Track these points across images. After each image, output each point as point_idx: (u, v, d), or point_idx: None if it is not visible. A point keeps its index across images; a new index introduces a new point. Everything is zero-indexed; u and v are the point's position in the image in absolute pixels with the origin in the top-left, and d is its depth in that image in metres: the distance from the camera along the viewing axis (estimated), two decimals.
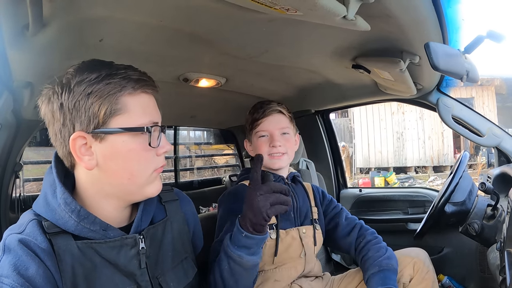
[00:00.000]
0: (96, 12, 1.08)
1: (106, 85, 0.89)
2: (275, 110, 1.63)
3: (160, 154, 1.00)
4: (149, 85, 0.97)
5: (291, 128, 1.68)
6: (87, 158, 0.91)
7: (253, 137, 1.66)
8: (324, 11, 0.87)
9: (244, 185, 1.63)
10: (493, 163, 2.08)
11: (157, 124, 0.97)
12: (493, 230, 1.56)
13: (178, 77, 1.80)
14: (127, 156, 0.92)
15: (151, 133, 0.94)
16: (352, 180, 11.14)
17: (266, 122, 1.62)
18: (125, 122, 0.91)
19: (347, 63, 1.64)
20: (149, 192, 1.00)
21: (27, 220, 0.90)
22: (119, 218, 1.00)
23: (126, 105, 0.91)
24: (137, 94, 0.93)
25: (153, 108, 0.99)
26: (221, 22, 1.21)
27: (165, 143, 1.00)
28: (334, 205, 1.77)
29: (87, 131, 0.89)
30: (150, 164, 0.97)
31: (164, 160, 1.03)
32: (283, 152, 1.61)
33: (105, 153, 0.91)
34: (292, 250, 1.56)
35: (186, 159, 6.20)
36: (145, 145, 0.94)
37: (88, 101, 0.88)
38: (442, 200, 1.65)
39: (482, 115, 2.00)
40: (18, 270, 0.79)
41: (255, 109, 1.67)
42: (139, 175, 0.95)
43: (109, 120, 0.89)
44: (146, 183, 0.98)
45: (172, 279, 1.05)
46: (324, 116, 2.93)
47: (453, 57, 1.21)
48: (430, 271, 1.49)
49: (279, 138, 1.61)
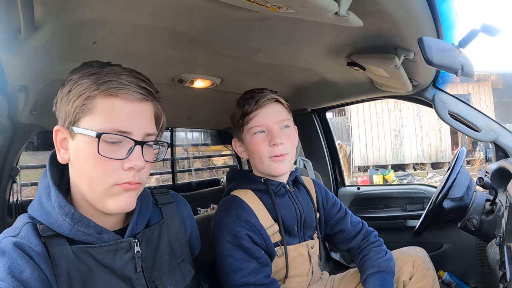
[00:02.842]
0: (88, 14, 1.08)
1: (84, 84, 0.89)
2: (271, 99, 1.40)
3: (126, 169, 0.90)
4: (134, 92, 0.91)
5: (291, 120, 1.45)
6: (62, 152, 0.94)
7: (245, 135, 1.42)
8: (315, 8, 0.87)
9: (239, 199, 1.41)
10: (491, 158, 2.08)
11: (124, 134, 0.90)
12: (492, 225, 1.56)
13: (173, 78, 1.79)
14: (85, 159, 0.89)
15: (99, 141, 0.86)
16: (351, 178, 11.17)
17: (261, 114, 1.38)
18: (89, 123, 0.89)
19: (342, 60, 1.63)
20: (110, 207, 0.91)
21: (22, 223, 0.89)
22: (112, 222, 0.99)
23: (95, 107, 0.89)
24: (111, 98, 0.89)
25: (126, 116, 0.90)
26: (214, 22, 1.20)
27: (134, 158, 0.90)
28: (338, 208, 1.63)
29: (63, 125, 0.92)
30: (109, 175, 0.89)
31: (133, 177, 0.92)
32: (285, 152, 1.39)
33: (73, 150, 0.92)
34: (300, 268, 1.47)
35: (184, 160, 6.19)
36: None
37: (68, 98, 0.90)
38: (440, 196, 1.65)
39: (479, 110, 1.99)
40: (12, 273, 0.79)
41: (245, 99, 1.41)
42: (96, 183, 0.89)
43: (80, 119, 0.90)
44: (106, 195, 0.90)
45: (169, 282, 1.04)
46: (320, 115, 2.92)
47: (447, 52, 1.21)
48: (430, 269, 1.47)
49: (280, 133, 1.38)
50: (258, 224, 1.36)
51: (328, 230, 1.62)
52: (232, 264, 1.30)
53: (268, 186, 1.43)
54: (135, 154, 0.90)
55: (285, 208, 1.44)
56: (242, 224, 1.33)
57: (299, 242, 1.47)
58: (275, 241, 1.40)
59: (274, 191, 1.44)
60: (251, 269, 1.29)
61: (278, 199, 1.44)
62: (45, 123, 2.04)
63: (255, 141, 1.39)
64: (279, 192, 1.45)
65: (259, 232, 1.35)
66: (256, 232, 1.34)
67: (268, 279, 1.32)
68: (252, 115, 1.38)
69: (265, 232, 1.36)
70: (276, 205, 1.41)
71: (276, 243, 1.40)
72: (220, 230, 1.35)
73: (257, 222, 1.36)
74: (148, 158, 0.94)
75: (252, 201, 1.40)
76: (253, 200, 1.41)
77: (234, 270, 1.29)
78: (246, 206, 1.38)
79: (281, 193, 1.46)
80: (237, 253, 1.30)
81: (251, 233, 1.33)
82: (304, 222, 1.48)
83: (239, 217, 1.34)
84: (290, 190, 1.49)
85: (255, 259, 1.31)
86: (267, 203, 1.42)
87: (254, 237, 1.33)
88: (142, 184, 0.97)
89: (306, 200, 1.53)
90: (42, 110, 1.74)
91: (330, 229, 1.62)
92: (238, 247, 1.30)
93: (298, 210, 1.47)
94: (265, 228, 1.37)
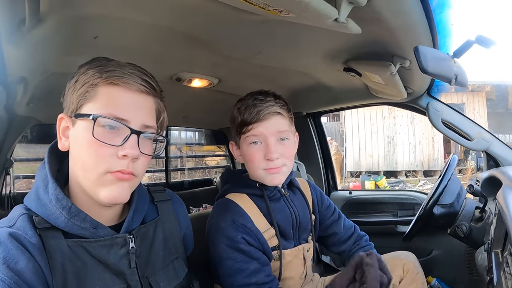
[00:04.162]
0: (92, 9, 1.08)
1: (89, 73, 0.92)
2: (272, 113, 1.35)
3: (120, 156, 0.90)
4: (135, 82, 0.93)
5: (291, 131, 1.42)
6: (63, 139, 0.96)
7: (242, 143, 1.40)
8: (316, 14, 0.89)
9: (234, 203, 1.39)
10: (482, 167, 2.11)
11: (121, 121, 0.91)
12: (481, 232, 1.59)
13: (171, 76, 1.80)
14: (81, 144, 0.91)
15: (94, 124, 0.88)
16: (343, 183, 11.21)
17: (260, 127, 1.34)
18: (89, 109, 0.91)
19: (339, 66, 1.65)
20: (101, 196, 0.91)
21: (18, 214, 0.90)
22: (108, 217, 0.99)
23: (96, 94, 0.91)
24: (111, 85, 0.91)
25: (125, 104, 0.92)
26: (216, 23, 1.21)
27: (129, 147, 0.90)
28: (332, 211, 1.65)
29: (67, 114, 0.94)
30: (102, 160, 0.89)
31: (125, 166, 0.91)
32: (281, 164, 1.36)
33: (73, 137, 0.94)
34: (295, 270, 1.47)
35: (177, 159, 6.18)
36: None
37: (74, 87, 0.93)
38: (431, 202, 1.67)
39: (472, 119, 2.02)
40: (7, 264, 0.79)
41: (246, 106, 1.37)
42: (89, 168, 0.90)
43: (82, 106, 0.92)
44: (98, 183, 0.91)
45: (162, 279, 1.05)
46: (315, 119, 2.95)
47: (442, 61, 1.23)
48: (420, 273, 1.50)
49: (276, 147, 1.35)
50: (255, 229, 1.35)
51: (321, 232, 1.64)
52: (233, 266, 1.29)
53: (263, 192, 1.42)
54: (130, 142, 0.91)
55: (280, 212, 1.44)
56: (239, 229, 1.32)
57: (295, 245, 1.47)
58: (272, 245, 1.39)
59: (269, 196, 1.43)
60: (252, 270, 1.29)
61: (273, 204, 1.44)
62: (42, 116, 2.04)
63: (251, 151, 1.37)
64: (274, 197, 1.45)
65: (256, 236, 1.34)
66: (253, 236, 1.34)
67: (269, 277, 1.32)
68: (250, 126, 1.34)
69: (262, 236, 1.36)
70: (271, 210, 1.41)
71: (274, 247, 1.40)
72: (216, 234, 1.33)
73: (253, 226, 1.35)
74: (145, 150, 0.95)
75: (247, 206, 1.39)
76: (248, 205, 1.40)
77: (235, 271, 1.29)
78: (242, 211, 1.37)
79: (276, 198, 1.46)
80: (236, 255, 1.30)
81: (248, 236, 1.32)
82: (299, 226, 1.48)
83: (235, 222, 1.33)
84: (285, 194, 1.49)
85: (255, 260, 1.31)
86: (262, 208, 1.41)
87: (251, 241, 1.33)
88: (137, 177, 0.97)
89: (301, 203, 1.53)
90: (39, 103, 1.73)
91: (323, 231, 1.63)
92: (236, 250, 1.30)
93: (293, 214, 1.46)
94: (262, 232, 1.37)
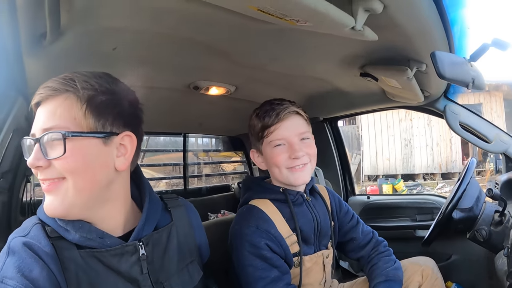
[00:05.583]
0: (111, 22, 1.11)
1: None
2: (291, 112, 1.40)
3: (33, 169, 0.91)
4: (43, 93, 0.93)
5: (310, 131, 1.46)
6: None
7: (265, 147, 1.42)
8: (333, 23, 0.90)
9: (258, 209, 1.40)
10: (501, 169, 2.09)
11: (30, 137, 0.92)
12: (500, 236, 1.57)
13: (188, 85, 1.82)
14: None
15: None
16: (360, 187, 11.09)
17: (282, 127, 1.38)
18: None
19: (355, 71, 1.65)
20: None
21: (32, 223, 0.92)
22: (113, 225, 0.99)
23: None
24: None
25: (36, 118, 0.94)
26: (233, 32, 1.23)
27: (30, 158, 0.89)
28: (351, 217, 1.64)
29: None
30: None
31: (39, 176, 0.91)
32: (306, 162, 1.40)
33: None
34: (314, 277, 1.47)
35: (194, 166, 6.22)
36: None
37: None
38: (450, 206, 1.66)
39: (489, 121, 2.00)
40: (22, 272, 0.81)
41: (265, 111, 1.40)
42: None
43: None
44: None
45: (177, 283, 1.06)
46: (332, 124, 2.94)
47: (458, 66, 1.23)
48: (439, 279, 1.49)
49: (300, 146, 1.39)
50: (278, 235, 1.36)
51: (339, 238, 1.63)
52: (254, 274, 1.30)
53: (287, 196, 1.43)
54: (33, 153, 0.89)
55: (303, 217, 1.44)
56: (262, 235, 1.33)
57: (315, 251, 1.48)
58: (293, 252, 1.40)
59: (293, 200, 1.44)
60: (272, 278, 1.29)
61: (296, 208, 1.44)
62: None
63: (276, 153, 1.39)
64: (297, 202, 1.45)
65: (279, 242, 1.35)
66: (276, 243, 1.34)
67: (289, 286, 1.32)
68: (272, 128, 1.38)
69: (284, 243, 1.37)
70: (294, 215, 1.41)
71: (294, 254, 1.40)
72: (240, 240, 1.34)
73: (277, 232, 1.36)
74: (52, 155, 0.88)
75: (271, 211, 1.40)
76: (272, 210, 1.40)
77: (256, 279, 1.30)
78: (266, 217, 1.37)
79: (299, 202, 1.46)
80: (257, 262, 1.30)
81: (271, 243, 1.33)
82: (320, 231, 1.49)
83: (259, 227, 1.34)
84: (308, 199, 1.49)
85: (276, 268, 1.32)
86: (285, 213, 1.41)
87: (274, 247, 1.33)
88: (69, 179, 0.89)
89: (322, 209, 1.53)
90: None
91: (342, 237, 1.63)
92: (258, 257, 1.31)
93: (315, 219, 1.47)
94: (284, 238, 1.37)
